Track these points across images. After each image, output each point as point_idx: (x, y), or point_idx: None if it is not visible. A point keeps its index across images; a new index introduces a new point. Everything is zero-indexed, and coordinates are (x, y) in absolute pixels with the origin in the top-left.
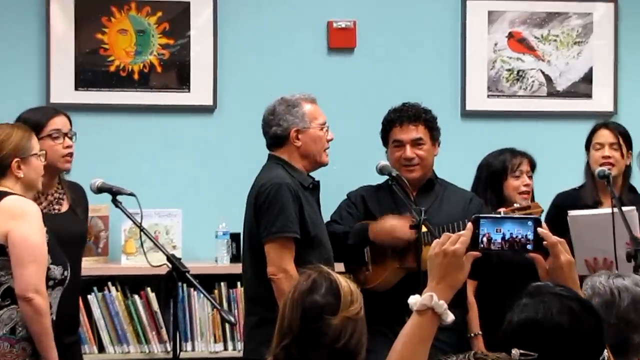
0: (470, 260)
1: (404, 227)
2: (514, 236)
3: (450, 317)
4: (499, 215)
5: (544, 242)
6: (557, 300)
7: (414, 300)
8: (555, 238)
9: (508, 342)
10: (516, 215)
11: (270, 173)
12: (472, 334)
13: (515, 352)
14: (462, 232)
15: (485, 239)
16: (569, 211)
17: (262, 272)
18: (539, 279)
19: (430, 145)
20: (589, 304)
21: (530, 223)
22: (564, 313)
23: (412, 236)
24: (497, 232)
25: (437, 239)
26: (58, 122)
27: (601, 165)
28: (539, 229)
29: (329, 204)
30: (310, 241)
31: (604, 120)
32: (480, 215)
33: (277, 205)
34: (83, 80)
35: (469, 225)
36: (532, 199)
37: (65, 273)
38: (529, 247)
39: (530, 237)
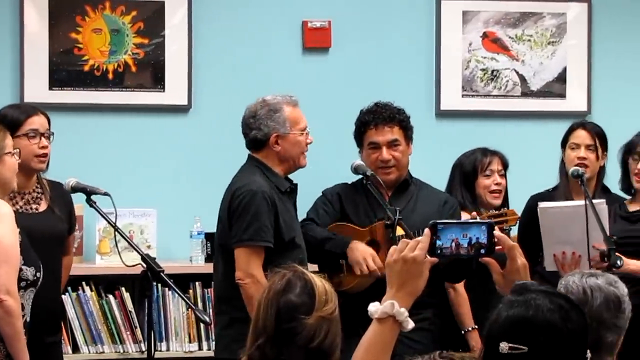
0: (428, 267)
1: (372, 263)
2: (480, 241)
3: (410, 324)
4: (454, 221)
5: (498, 247)
6: (546, 298)
7: (374, 308)
8: (511, 242)
9: (496, 338)
10: (470, 220)
11: (248, 178)
12: (468, 329)
13: (504, 345)
14: (419, 238)
15: (453, 244)
16: (539, 203)
17: (232, 273)
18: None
19: (405, 145)
20: (575, 302)
21: (484, 227)
22: (556, 311)
23: (379, 275)
24: (464, 237)
25: (395, 246)
26: (36, 122)
27: (576, 165)
28: (496, 233)
29: (304, 203)
30: (286, 245)
31: (582, 120)
32: (438, 221)
33: (251, 213)
34: (57, 80)
35: (427, 231)
36: (506, 198)
37: (38, 274)
38: (482, 251)
39: (484, 241)
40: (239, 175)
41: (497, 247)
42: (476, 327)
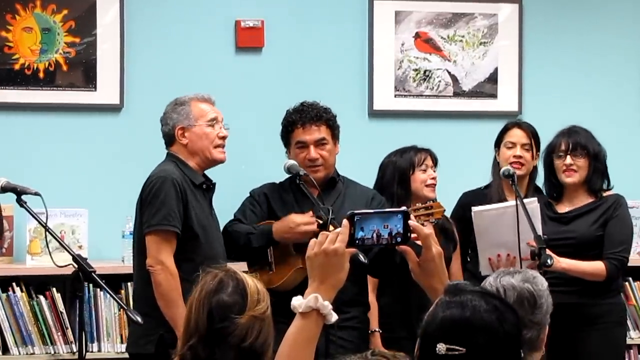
0: (348, 258)
1: (308, 221)
2: (399, 231)
3: (334, 317)
4: (371, 210)
5: (413, 235)
6: (482, 299)
7: (297, 302)
8: (426, 230)
9: (433, 338)
10: (386, 209)
11: (160, 168)
12: (370, 331)
13: (441, 346)
14: (339, 229)
15: (375, 235)
16: (472, 207)
17: (141, 267)
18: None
19: (332, 144)
20: (508, 301)
21: (400, 216)
22: (492, 312)
23: (316, 228)
24: (384, 227)
25: (315, 239)
26: None
27: (511, 164)
28: (410, 222)
29: (236, 202)
30: (194, 238)
31: (517, 120)
32: (355, 212)
33: (160, 199)
34: None
35: (345, 222)
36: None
37: None
38: (398, 239)
39: (400, 230)
40: (153, 169)
41: (412, 236)
42: (379, 330)
